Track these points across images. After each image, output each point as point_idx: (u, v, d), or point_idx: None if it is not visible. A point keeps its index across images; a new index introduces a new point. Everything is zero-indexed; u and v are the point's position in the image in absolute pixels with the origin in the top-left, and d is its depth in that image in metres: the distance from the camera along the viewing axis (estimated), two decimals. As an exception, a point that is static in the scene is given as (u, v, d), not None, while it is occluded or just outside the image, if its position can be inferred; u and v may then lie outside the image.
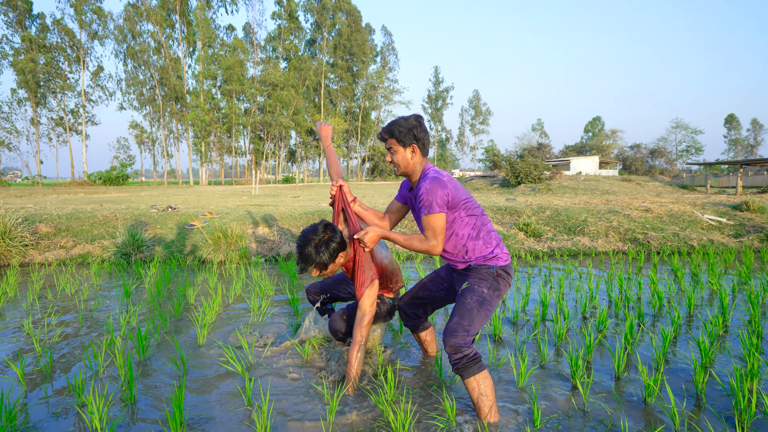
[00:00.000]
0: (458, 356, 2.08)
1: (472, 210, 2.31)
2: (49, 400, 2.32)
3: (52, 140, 46.43)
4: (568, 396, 2.39)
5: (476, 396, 2.08)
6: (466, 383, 2.10)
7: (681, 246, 6.88)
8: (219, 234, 6.42)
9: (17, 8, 41.94)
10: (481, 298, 2.20)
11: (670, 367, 2.75)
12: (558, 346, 3.09)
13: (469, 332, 2.12)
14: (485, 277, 2.26)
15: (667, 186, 19.46)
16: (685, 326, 3.50)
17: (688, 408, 2.25)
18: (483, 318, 2.18)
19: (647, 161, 58.64)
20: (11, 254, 6.13)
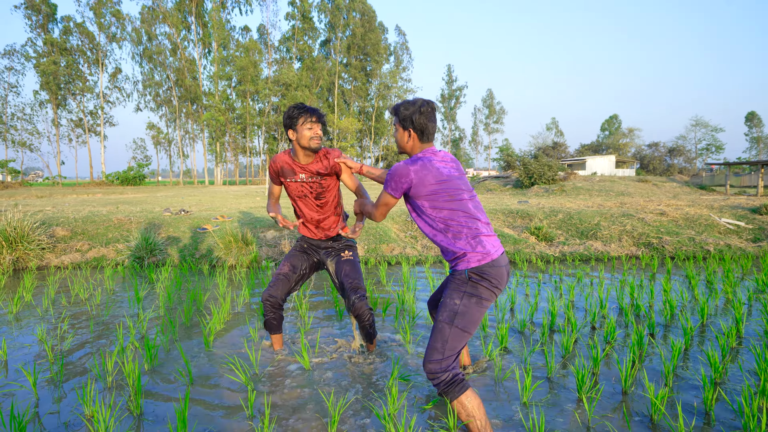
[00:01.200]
0: (436, 382, 2.07)
1: (441, 204, 2.21)
2: (60, 410, 2.37)
3: (71, 141, 47.39)
4: (573, 411, 2.36)
5: (464, 418, 2.04)
6: (452, 406, 2.07)
7: (696, 251, 6.75)
8: (230, 238, 6.48)
9: (41, 12, 42.92)
10: (452, 312, 2.12)
11: (680, 382, 2.70)
12: (565, 358, 3.06)
13: (444, 354, 2.07)
14: (457, 286, 2.17)
15: (685, 186, 19.08)
16: (698, 337, 3.43)
17: (697, 425, 2.21)
18: (458, 334, 2.10)
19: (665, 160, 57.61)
20: (29, 258, 6.27)
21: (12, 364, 2.95)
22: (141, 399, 2.38)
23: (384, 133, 65.58)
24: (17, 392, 2.56)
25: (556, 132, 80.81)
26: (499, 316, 3.96)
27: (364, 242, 7.03)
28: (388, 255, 6.72)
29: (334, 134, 57.25)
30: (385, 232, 7.47)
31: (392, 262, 6.55)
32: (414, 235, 7.71)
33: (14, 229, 6.25)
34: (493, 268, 2.15)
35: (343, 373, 2.82)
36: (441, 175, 2.21)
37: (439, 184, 2.20)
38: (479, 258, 2.15)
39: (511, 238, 7.26)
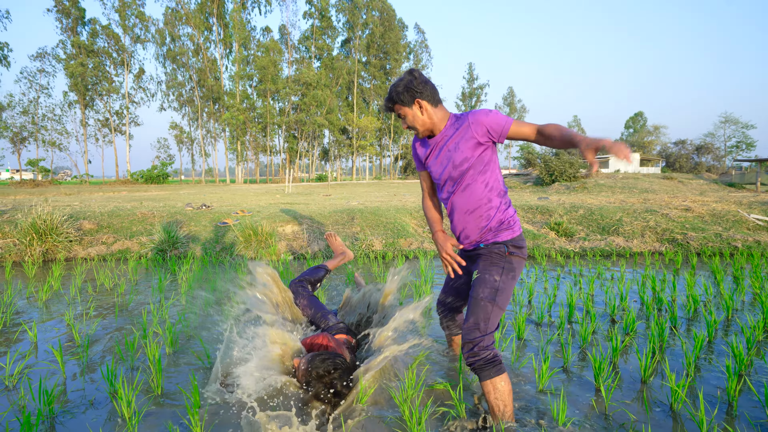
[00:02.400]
0: (476, 359, 2.02)
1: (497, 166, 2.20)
2: (86, 387, 2.45)
3: (98, 141, 48.68)
4: (590, 399, 2.33)
5: (491, 399, 2.01)
6: (482, 385, 2.03)
7: (723, 247, 6.56)
8: (250, 232, 6.58)
9: (71, 15, 44.28)
10: (494, 289, 2.07)
11: (703, 373, 2.64)
12: (583, 348, 3.02)
13: (486, 332, 2.04)
14: (495, 262, 2.13)
15: (713, 184, 18.55)
16: (722, 331, 3.34)
17: (720, 416, 2.16)
18: (498, 311, 2.08)
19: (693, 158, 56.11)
20: (58, 249, 6.48)
21: (41, 345, 3.06)
22: (162, 379, 2.44)
23: (403, 132, 65.49)
24: (46, 370, 2.65)
25: (578, 130, 79.52)
26: (516, 308, 3.93)
27: (382, 236, 7.05)
28: (406, 249, 6.73)
29: (354, 133, 57.44)
30: (403, 227, 7.47)
31: (410, 256, 6.56)
32: (432, 230, 7.69)
33: (44, 222, 6.47)
34: (523, 240, 2.21)
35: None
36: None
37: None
38: (519, 227, 2.20)
39: (530, 233, 7.18)
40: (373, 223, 7.57)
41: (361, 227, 7.43)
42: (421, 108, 2.15)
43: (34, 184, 30.21)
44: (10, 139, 43.15)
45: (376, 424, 2.10)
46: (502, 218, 2.16)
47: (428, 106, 2.15)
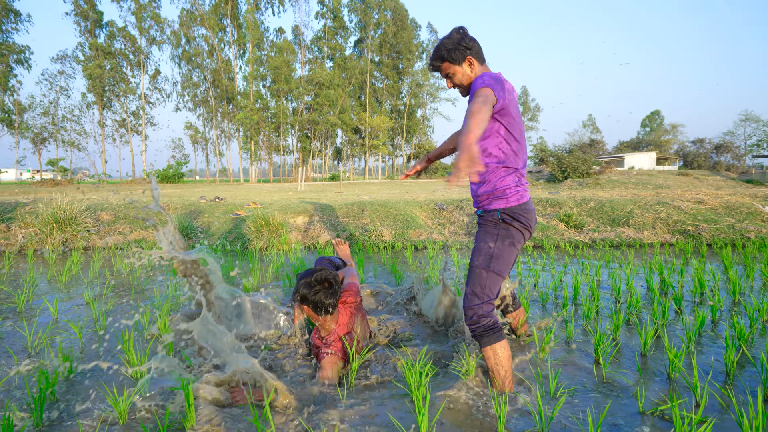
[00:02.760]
0: (476, 326, 2.08)
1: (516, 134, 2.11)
2: (102, 353, 2.57)
3: (115, 141, 49.55)
4: (590, 369, 2.37)
5: (491, 365, 2.07)
6: (483, 351, 2.08)
7: (736, 238, 6.50)
8: (261, 222, 6.71)
9: (89, 18, 45.25)
10: (487, 256, 2.10)
11: (703, 348, 2.66)
12: (585, 325, 3.06)
13: (484, 298, 2.08)
14: (489, 229, 2.14)
15: (730, 180, 18.25)
16: (728, 312, 3.35)
17: (718, 383, 2.19)
18: (495, 277, 2.10)
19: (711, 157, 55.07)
20: (76, 239, 6.68)
21: (61, 318, 3.20)
22: (172, 344, 2.55)
23: (416, 131, 65.46)
24: (65, 339, 2.78)
25: (593, 129, 78.61)
26: (522, 289, 3.98)
27: (392, 227, 7.12)
28: (415, 240, 6.79)
29: (366, 133, 57.60)
30: (413, 219, 7.53)
31: (419, 246, 6.62)
32: (441, 222, 7.75)
33: (64, 212, 6.68)
34: (525, 210, 2.14)
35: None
36: (516, 102, 2.15)
37: (518, 116, 2.14)
38: (518, 198, 2.13)
39: (539, 225, 7.19)
40: (383, 215, 7.65)
41: (371, 219, 7.51)
42: (471, 65, 2.13)
43: (54, 184, 30.89)
44: (31, 140, 44.21)
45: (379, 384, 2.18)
46: (496, 185, 2.13)
47: (476, 63, 2.14)
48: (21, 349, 2.64)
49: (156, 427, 1.82)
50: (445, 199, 9.42)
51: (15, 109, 44.32)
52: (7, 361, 2.47)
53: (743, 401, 2.01)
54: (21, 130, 44.12)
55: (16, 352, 2.59)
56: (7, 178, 60.00)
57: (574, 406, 2.00)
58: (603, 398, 2.06)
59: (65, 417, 1.90)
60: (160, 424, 1.78)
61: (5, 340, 2.78)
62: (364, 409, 1.94)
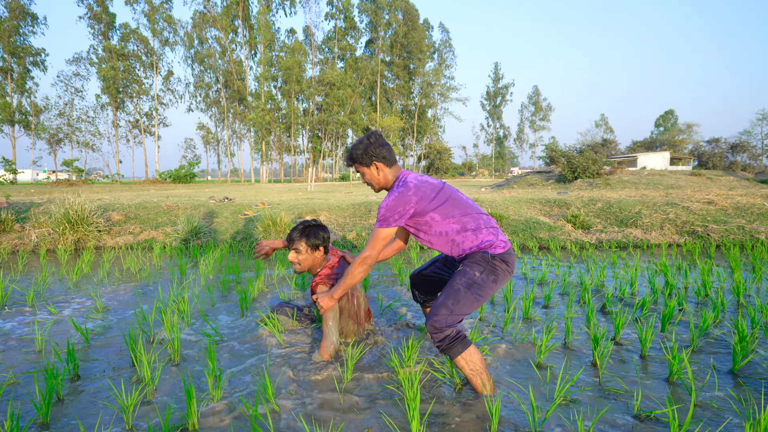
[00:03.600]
0: (440, 337, 2.09)
1: (450, 209, 2.28)
2: (108, 353, 2.64)
3: (129, 141, 50.27)
4: (586, 372, 2.38)
5: (468, 373, 2.09)
6: (455, 362, 2.11)
7: (745, 239, 6.42)
8: (269, 222, 6.78)
9: (102, 21, 45.97)
10: (470, 280, 2.16)
11: (704, 350, 2.65)
12: (587, 326, 3.05)
13: (453, 312, 2.11)
14: (478, 261, 2.22)
15: (744, 181, 17.95)
16: (732, 313, 3.32)
17: (714, 383, 2.18)
18: (471, 300, 2.14)
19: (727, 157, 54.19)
20: (88, 238, 6.81)
21: (69, 316, 3.28)
22: (179, 346, 2.59)
23: (427, 132, 65.43)
24: (73, 337, 2.85)
25: (605, 129, 77.87)
26: (526, 289, 3.98)
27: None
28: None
29: (376, 133, 57.61)
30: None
31: (425, 247, 6.63)
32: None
33: (76, 212, 6.81)
34: (509, 257, 2.27)
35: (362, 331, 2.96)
36: (433, 185, 2.33)
37: (439, 193, 2.30)
38: (503, 245, 2.26)
39: (546, 225, 7.16)
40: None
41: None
42: (378, 169, 2.41)
43: (69, 184, 31.44)
44: (47, 141, 45.04)
45: (374, 385, 2.21)
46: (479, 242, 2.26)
47: (383, 167, 2.41)
48: (30, 349, 2.71)
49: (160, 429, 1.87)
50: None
51: (32, 110, 45.18)
52: (15, 360, 2.54)
53: (744, 404, 2.00)
54: (37, 131, 44.97)
55: (25, 352, 2.67)
56: (24, 178, 61.15)
57: (568, 407, 2.01)
58: (599, 400, 2.07)
59: (70, 416, 1.96)
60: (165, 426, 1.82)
61: (14, 340, 2.86)
62: (357, 411, 1.97)
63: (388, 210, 2.24)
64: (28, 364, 2.46)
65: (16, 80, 43.26)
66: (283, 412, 1.96)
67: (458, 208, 2.30)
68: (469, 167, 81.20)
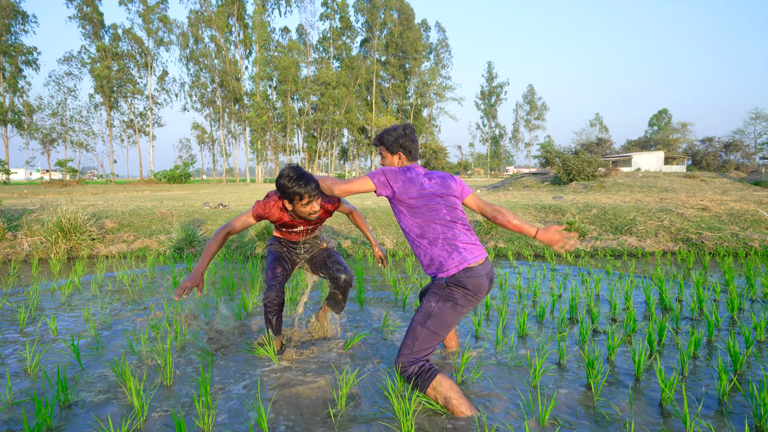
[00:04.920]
0: (406, 375, 2.20)
1: (418, 213, 2.35)
2: (99, 378, 2.61)
3: (123, 141, 49.97)
4: (581, 395, 2.37)
5: (442, 402, 2.12)
6: (427, 395, 2.15)
7: (739, 247, 6.45)
8: (263, 230, 6.74)
9: (93, 21, 45.62)
10: (426, 313, 2.23)
11: (698, 372, 2.65)
12: (581, 345, 3.05)
13: (413, 350, 2.19)
14: (435, 290, 2.28)
15: (737, 183, 18.06)
16: (726, 330, 3.33)
17: (708, 414, 2.18)
18: (430, 335, 2.20)
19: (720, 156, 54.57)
20: (81, 247, 6.75)
21: (61, 337, 3.25)
22: (170, 370, 2.57)
23: (422, 131, 65.40)
24: (64, 360, 2.82)
25: (600, 128, 78.22)
26: (520, 305, 3.98)
27: (393, 235, 7.14)
28: (416, 248, 6.79)
29: (372, 132, 57.61)
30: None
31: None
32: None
33: (69, 221, 6.75)
34: (471, 277, 2.22)
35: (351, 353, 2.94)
36: (423, 189, 2.38)
37: (419, 198, 2.36)
38: (456, 264, 2.23)
39: (541, 232, 7.16)
40: (385, 222, 7.67)
41: (374, 226, 7.53)
42: (399, 159, 2.56)
43: (63, 184, 31.20)
44: (40, 141, 44.70)
45: (367, 412, 2.20)
46: (431, 257, 2.31)
47: (404, 159, 2.56)
48: (20, 372, 2.68)
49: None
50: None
51: (24, 110, 44.82)
52: (5, 385, 2.51)
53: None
54: (30, 131, 44.62)
55: (16, 375, 2.64)
56: (17, 178, 60.70)
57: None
58: (593, 427, 2.06)
59: (59, 447, 1.93)
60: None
61: (5, 362, 2.82)
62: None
63: (381, 171, 2.40)
64: (19, 393, 2.43)
65: (8, 79, 42.91)
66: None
67: (427, 215, 2.35)
68: (465, 166, 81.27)
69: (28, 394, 2.40)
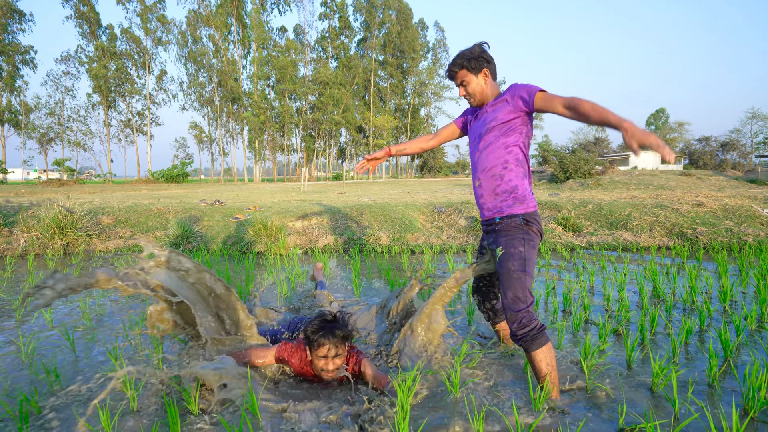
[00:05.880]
0: (526, 330, 2.10)
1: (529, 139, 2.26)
2: (92, 365, 2.62)
3: (121, 141, 49.89)
4: (574, 381, 2.39)
5: (544, 367, 2.09)
6: (533, 355, 2.10)
7: (733, 242, 6.49)
8: (260, 226, 6.75)
9: (89, 20, 45.56)
10: (522, 260, 2.14)
11: (689, 358, 2.68)
12: (575, 334, 3.08)
13: (527, 300, 2.12)
14: (515, 235, 2.18)
15: (733, 181, 18.13)
16: (718, 320, 3.36)
17: (699, 398, 2.21)
18: (530, 278, 2.15)
19: (717, 155, 54.74)
20: (77, 243, 6.75)
21: (57, 327, 3.26)
22: (161, 360, 2.58)
23: (420, 131, 65.41)
24: (58, 349, 2.83)
25: (597, 128, 78.29)
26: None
27: (389, 230, 7.15)
28: (413, 244, 6.82)
29: (370, 132, 57.65)
30: (411, 222, 7.56)
31: (416, 250, 6.64)
32: (440, 225, 7.77)
33: (65, 217, 6.75)
34: (538, 215, 2.26)
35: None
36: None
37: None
38: (534, 204, 2.26)
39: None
40: (382, 218, 7.68)
41: (370, 222, 7.55)
42: (486, 78, 2.30)
43: (60, 184, 31.15)
44: (37, 140, 44.60)
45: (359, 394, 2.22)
46: (516, 184, 2.21)
47: (490, 77, 2.31)
48: (16, 361, 2.69)
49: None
50: (445, 201, 9.44)
51: (21, 109, 44.71)
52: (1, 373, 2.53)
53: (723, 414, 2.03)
54: (27, 130, 44.51)
55: (11, 363, 2.65)
56: (14, 178, 60.54)
57: (554, 420, 2.02)
58: (585, 413, 2.08)
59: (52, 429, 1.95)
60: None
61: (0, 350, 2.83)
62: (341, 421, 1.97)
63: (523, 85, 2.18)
64: (13, 380, 2.44)
65: (5, 79, 42.77)
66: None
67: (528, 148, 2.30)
68: (463, 166, 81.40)
69: (22, 381, 2.41)
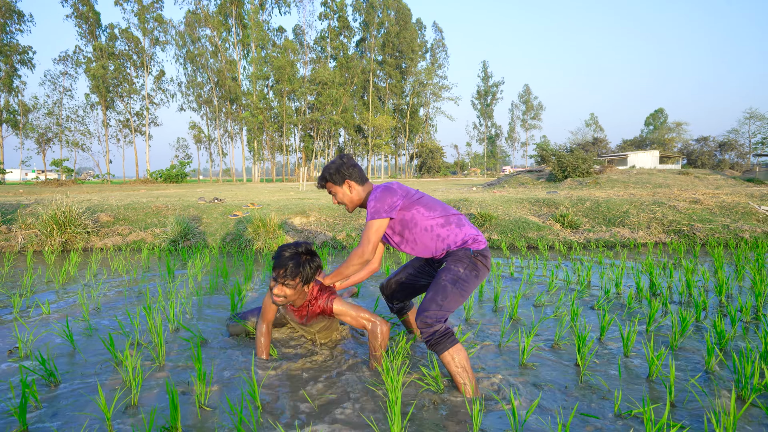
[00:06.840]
0: (430, 331, 2.15)
1: (431, 206, 2.39)
2: (91, 357, 2.63)
3: (119, 141, 49.84)
4: (571, 372, 2.41)
5: (453, 370, 2.14)
6: (441, 358, 2.16)
7: (730, 238, 6.51)
8: (258, 223, 6.76)
9: (89, 20, 45.51)
10: (456, 276, 2.24)
11: (685, 348, 2.70)
12: (572, 326, 3.09)
13: (442, 308, 2.18)
14: (461, 259, 2.29)
15: (731, 179, 18.18)
16: (714, 313, 3.38)
17: (695, 385, 2.23)
18: (457, 296, 2.22)
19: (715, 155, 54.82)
20: (76, 240, 6.75)
21: (55, 320, 3.26)
22: (162, 350, 2.59)
23: (419, 131, 65.46)
24: (56, 342, 2.84)
25: (595, 128, 78.38)
26: (512, 289, 4.01)
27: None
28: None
29: (369, 132, 57.66)
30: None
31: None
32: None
33: (64, 214, 6.75)
34: (488, 253, 2.38)
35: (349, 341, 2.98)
36: (410, 188, 2.48)
37: (418, 192, 2.46)
38: (484, 241, 2.38)
39: (534, 224, 7.22)
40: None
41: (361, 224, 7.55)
42: (350, 188, 2.48)
43: (58, 184, 31.11)
44: (35, 140, 44.53)
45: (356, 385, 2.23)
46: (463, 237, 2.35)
47: (355, 185, 2.47)
48: (14, 351, 2.70)
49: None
50: (443, 200, 9.45)
51: (20, 109, 44.64)
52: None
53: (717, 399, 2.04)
54: (26, 130, 44.45)
55: (10, 354, 2.65)
56: (12, 178, 60.43)
57: (549, 409, 2.04)
58: (579, 400, 2.10)
59: (50, 422, 1.96)
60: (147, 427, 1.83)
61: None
62: (337, 409, 1.99)
63: (377, 202, 2.31)
64: (10, 372, 2.45)
65: (3, 79, 42.70)
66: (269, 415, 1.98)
67: (438, 205, 2.43)
68: (461, 166, 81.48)
69: (20, 372, 2.42)
